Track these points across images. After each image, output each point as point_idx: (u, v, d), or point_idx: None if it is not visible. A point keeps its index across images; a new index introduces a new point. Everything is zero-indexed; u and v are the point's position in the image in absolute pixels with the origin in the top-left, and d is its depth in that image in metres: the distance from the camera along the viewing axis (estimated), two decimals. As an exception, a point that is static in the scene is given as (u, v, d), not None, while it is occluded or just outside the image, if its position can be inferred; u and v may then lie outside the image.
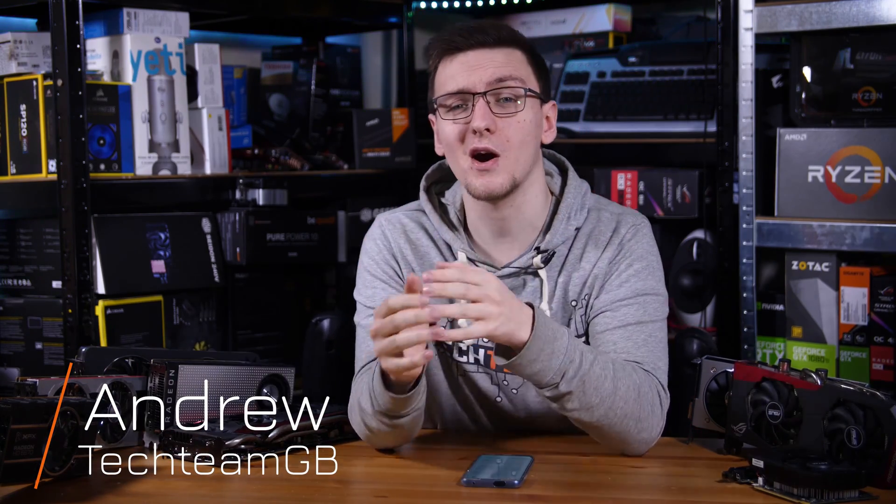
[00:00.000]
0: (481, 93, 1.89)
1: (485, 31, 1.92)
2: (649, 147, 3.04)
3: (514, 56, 1.93)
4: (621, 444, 1.87)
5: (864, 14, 2.59)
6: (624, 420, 1.83)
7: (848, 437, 1.73)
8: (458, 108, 1.92)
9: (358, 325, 2.05)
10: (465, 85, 1.90)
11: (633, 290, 1.95)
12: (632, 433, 1.85)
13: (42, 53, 2.66)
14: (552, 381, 1.77)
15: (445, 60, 1.94)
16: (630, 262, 1.97)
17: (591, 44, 3.39)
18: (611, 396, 1.81)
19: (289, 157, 3.12)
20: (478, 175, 1.91)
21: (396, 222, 2.07)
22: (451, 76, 1.92)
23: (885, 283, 2.63)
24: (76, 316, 2.51)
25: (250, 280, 2.97)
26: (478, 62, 1.91)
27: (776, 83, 2.84)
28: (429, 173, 2.09)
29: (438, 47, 1.95)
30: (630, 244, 1.98)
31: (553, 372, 1.76)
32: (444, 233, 2.02)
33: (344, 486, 1.81)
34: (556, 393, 1.79)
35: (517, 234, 1.99)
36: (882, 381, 2.61)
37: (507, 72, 1.91)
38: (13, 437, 1.65)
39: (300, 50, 3.53)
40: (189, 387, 2.04)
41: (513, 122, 1.90)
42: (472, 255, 1.99)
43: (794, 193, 2.73)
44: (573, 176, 2.04)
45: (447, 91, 1.92)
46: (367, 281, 2.06)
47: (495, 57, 1.91)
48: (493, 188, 1.91)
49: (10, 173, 2.71)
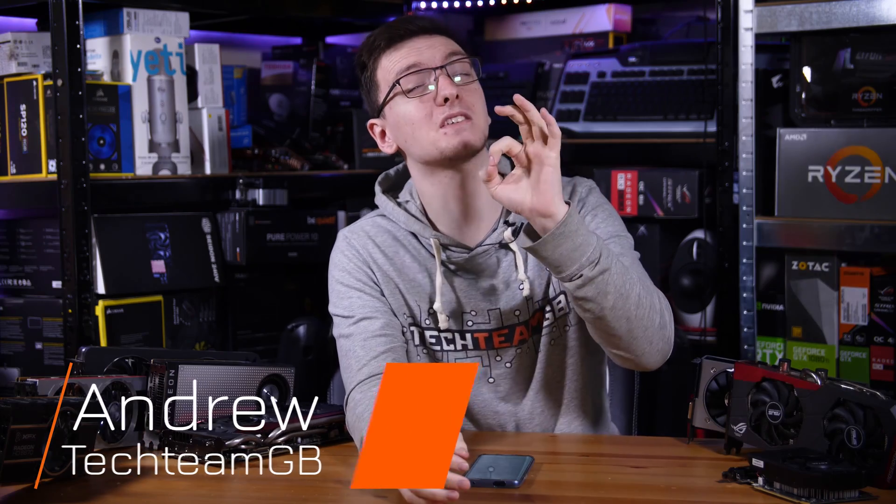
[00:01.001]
0: (440, 66, 1.95)
1: (416, 22, 2.01)
2: (649, 147, 3.05)
3: (450, 41, 2.01)
4: (646, 346, 1.85)
5: (864, 14, 2.59)
6: (651, 313, 1.83)
7: (848, 437, 1.73)
8: (417, 89, 1.97)
9: (339, 338, 2.04)
10: (420, 61, 1.97)
11: (606, 233, 1.97)
12: (657, 328, 1.84)
13: (42, 53, 2.66)
14: (594, 255, 1.76)
15: (389, 51, 1.99)
16: (595, 213, 2.00)
17: (591, 44, 3.39)
18: (638, 285, 1.82)
19: (289, 157, 3.12)
20: (453, 134, 1.94)
21: (359, 231, 2.09)
22: (402, 58, 1.98)
23: (885, 283, 2.63)
24: (76, 316, 2.51)
25: (250, 280, 2.97)
26: (424, 45, 1.98)
27: (776, 83, 2.84)
28: (381, 179, 2.13)
29: (381, 38, 2.01)
30: (589, 199, 2.02)
31: (593, 246, 1.77)
32: (413, 224, 2.03)
33: (344, 486, 1.80)
34: (597, 272, 1.76)
35: (482, 212, 2.01)
36: (882, 381, 2.61)
37: (454, 48, 1.99)
38: (13, 437, 1.65)
39: (300, 50, 3.53)
40: (189, 387, 2.04)
41: (472, 90, 1.97)
42: (444, 240, 2.01)
43: (794, 193, 2.73)
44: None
45: (402, 70, 1.97)
46: (341, 293, 2.05)
47: (434, 41, 1.99)
48: (471, 141, 1.95)
49: (10, 173, 2.71)
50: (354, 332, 2.00)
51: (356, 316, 2.01)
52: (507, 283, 2.01)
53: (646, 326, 1.83)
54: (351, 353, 2.00)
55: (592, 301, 1.79)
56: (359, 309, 2.02)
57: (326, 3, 3.21)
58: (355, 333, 2.00)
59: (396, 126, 2.01)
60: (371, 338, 1.99)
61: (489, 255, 2.01)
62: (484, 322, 2.02)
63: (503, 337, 2.02)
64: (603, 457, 1.90)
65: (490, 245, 2.00)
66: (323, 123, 3.34)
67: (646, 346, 1.85)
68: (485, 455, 1.85)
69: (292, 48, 3.55)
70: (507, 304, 2.01)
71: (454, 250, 2.01)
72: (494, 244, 2.01)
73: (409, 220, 2.04)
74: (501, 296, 2.01)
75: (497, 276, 2.02)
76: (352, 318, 2.02)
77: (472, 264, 2.01)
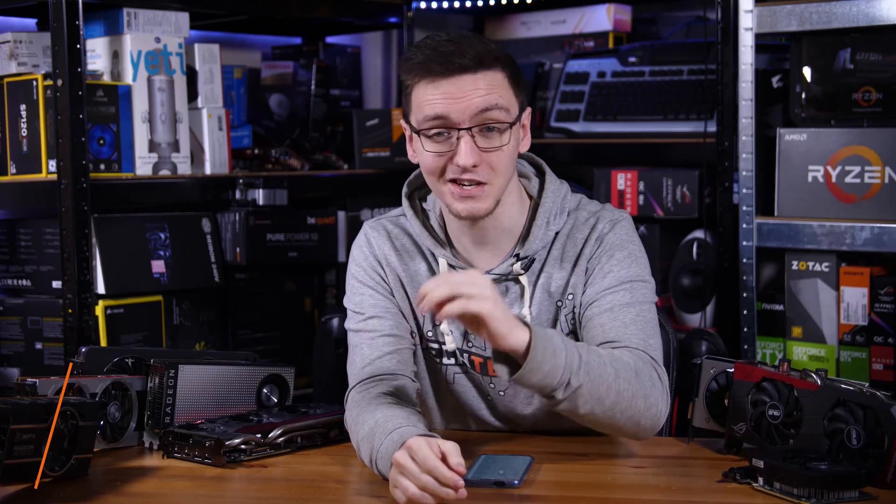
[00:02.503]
0: (466, 128, 1.83)
1: (464, 55, 1.83)
2: (649, 147, 3.05)
3: (496, 80, 1.86)
4: (634, 429, 1.83)
5: (864, 14, 2.59)
6: (633, 400, 1.80)
7: (848, 437, 1.73)
8: (440, 136, 1.86)
9: (349, 331, 2.04)
10: (448, 116, 1.84)
11: (618, 279, 1.93)
12: (642, 412, 1.81)
13: (42, 53, 2.66)
14: (563, 379, 1.72)
15: (424, 84, 1.86)
16: (611, 254, 1.94)
17: (591, 44, 3.39)
18: (615, 380, 1.77)
19: (289, 157, 3.12)
20: (460, 200, 1.88)
21: (381, 229, 2.06)
22: (431, 103, 1.85)
23: (885, 283, 2.63)
24: (76, 316, 2.51)
25: (250, 280, 2.97)
26: (460, 91, 1.83)
27: (776, 83, 2.84)
28: (411, 179, 2.06)
29: (416, 71, 1.86)
30: (609, 237, 1.96)
31: (562, 368, 1.72)
32: (425, 240, 2.00)
33: (344, 486, 1.81)
34: (567, 392, 1.74)
35: (496, 242, 1.98)
36: (882, 381, 2.61)
37: (491, 101, 1.84)
38: (13, 437, 1.65)
39: (300, 50, 3.53)
40: (189, 387, 2.04)
41: (498, 152, 1.86)
42: (454, 262, 1.98)
43: (794, 193, 2.74)
44: (551, 179, 2.01)
45: (428, 117, 1.86)
46: (355, 288, 2.05)
47: (478, 84, 1.84)
48: (478, 212, 1.89)
49: (10, 173, 2.71)
50: (364, 328, 2.00)
51: (366, 313, 2.01)
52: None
53: (629, 416, 1.81)
54: (357, 349, 2.00)
55: (567, 412, 1.79)
56: (370, 307, 2.01)
57: (326, 3, 3.20)
58: (364, 330, 2.00)
59: (417, 152, 1.93)
60: (379, 336, 1.98)
61: (498, 283, 1.97)
62: (480, 349, 2.00)
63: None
64: (603, 457, 1.90)
65: (498, 275, 1.98)
66: (323, 123, 3.34)
67: (631, 428, 1.84)
68: (485, 455, 1.85)
69: (292, 48, 3.55)
70: None
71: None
72: (503, 275, 1.97)
73: (422, 234, 2.00)
74: None
75: None
76: (362, 315, 2.01)
77: None
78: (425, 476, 1.60)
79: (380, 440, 1.76)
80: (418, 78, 1.87)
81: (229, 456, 1.87)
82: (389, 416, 1.81)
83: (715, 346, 2.26)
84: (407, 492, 1.62)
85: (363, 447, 1.82)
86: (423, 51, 1.86)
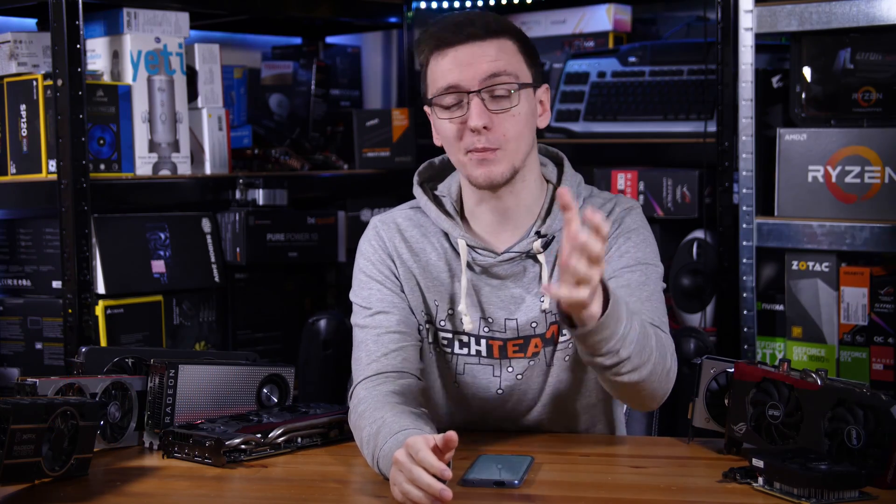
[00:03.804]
0: (476, 91, 1.89)
1: (473, 24, 1.91)
2: (649, 147, 3.05)
3: (505, 47, 1.92)
4: (651, 399, 1.86)
5: (864, 14, 2.59)
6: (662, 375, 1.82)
7: (848, 437, 1.72)
8: (454, 107, 1.92)
9: (355, 326, 2.04)
10: (459, 82, 1.90)
11: (634, 259, 1.96)
12: (664, 386, 1.85)
13: (42, 53, 2.67)
14: (614, 347, 1.71)
15: (437, 56, 1.93)
16: (628, 236, 1.98)
17: (591, 44, 3.39)
18: (651, 352, 1.79)
19: (289, 157, 3.12)
20: (478, 165, 1.91)
21: (391, 222, 2.07)
22: (443, 73, 1.92)
23: (885, 283, 2.63)
24: (76, 316, 2.51)
25: (250, 280, 2.97)
26: (469, 58, 1.90)
27: (776, 83, 2.84)
28: (421, 170, 2.09)
29: (428, 43, 1.94)
30: (626, 221, 1.99)
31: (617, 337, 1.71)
32: (442, 222, 2.01)
33: (344, 486, 1.81)
34: (614, 360, 1.73)
35: (516, 219, 1.99)
36: (882, 381, 2.61)
37: (499, 66, 1.90)
38: (13, 437, 1.65)
39: (300, 50, 3.53)
40: (189, 387, 2.04)
41: (508, 116, 1.91)
42: (472, 242, 1.99)
43: (794, 193, 2.74)
44: (569, 167, 2.06)
45: (440, 88, 1.92)
46: (362, 282, 2.05)
47: (487, 51, 1.91)
48: (494, 177, 1.92)
49: (10, 173, 2.71)
50: (370, 324, 2.00)
51: (374, 308, 2.01)
52: (530, 294, 1.99)
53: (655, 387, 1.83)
54: (363, 346, 2.00)
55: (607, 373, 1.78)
56: (377, 302, 2.01)
57: (326, 3, 3.21)
58: (370, 326, 2.00)
59: (436, 130, 1.99)
60: (385, 333, 1.98)
61: (516, 262, 1.98)
62: (500, 331, 2.00)
63: (517, 347, 2.01)
64: (603, 457, 1.90)
65: (517, 253, 1.98)
66: (323, 123, 3.34)
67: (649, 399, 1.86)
68: (485, 455, 1.85)
69: (292, 48, 3.56)
70: (526, 315, 1.99)
71: (481, 253, 1.99)
72: (522, 253, 1.98)
73: (439, 217, 2.02)
74: (521, 305, 1.99)
75: (521, 285, 1.99)
76: (369, 310, 2.01)
77: (497, 270, 1.99)
78: (416, 469, 1.60)
79: (384, 440, 1.76)
80: (431, 50, 1.93)
81: (229, 456, 1.87)
82: (397, 418, 1.81)
83: (703, 343, 2.27)
84: (400, 486, 1.63)
85: (367, 446, 1.82)
86: (437, 24, 1.95)
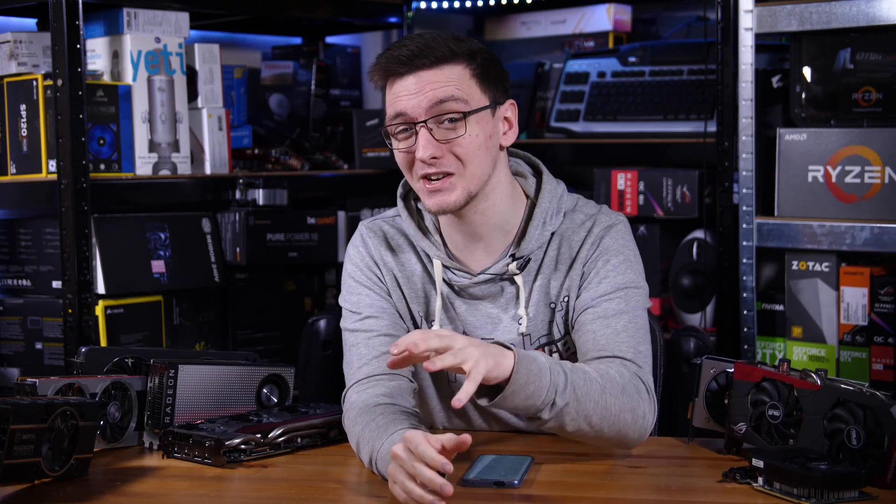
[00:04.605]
0: (422, 121, 1.86)
1: (423, 52, 1.87)
2: (649, 147, 3.05)
3: (453, 73, 1.88)
4: (622, 442, 1.86)
5: (864, 14, 2.59)
6: (620, 415, 1.81)
7: (848, 437, 1.73)
8: (405, 132, 1.89)
9: (345, 331, 2.04)
10: (406, 111, 1.88)
11: (614, 285, 1.94)
12: (629, 425, 1.83)
13: (42, 53, 2.67)
14: (548, 399, 1.74)
15: (389, 84, 1.91)
16: (607, 259, 1.95)
17: (591, 44, 3.39)
18: (601, 397, 1.79)
19: (289, 157, 3.12)
20: (430, 194, 1.90)
21: (377, 229, 2.06)
22: (392, 101, 1.90)
23: (885, 283, 2.63)
24: (76, 316, 2.51)
25: (250, 280, 2.97)
26: (417, 87, 1.87)
27: (776, 83, 2.84)
28: (404, 182, 2.06)
29: (379, 73, 1.92)
30: (605, 241, 1.96)
31: (546, 389, 1.73)
32: (419, 240, 2.00)
33: (344, 486, 1.81)
34: (553, 412, 1.75)
35: (489, 239, 1.98)
36: (882, 381, 2.61)
37: (446, 93, 1.86)
38: (13, 437, 1.65)
39: (300, 50, 3.53)
40: (189, 387, 2.04)
41: (458, 142, 1.88)
42: (448, 263, 1.98)
43: (794, 193, 2.74)
44: (548, 178, 2.02)
45: (390, 116, 1.90)
46: (351, 287, 2.05)
47: (434, 78, 1.87)
48: (446, 206, 1.90)
49: (10, 173, 2.71)
50: (360, 328, 2.00)
51: (363, 313, 2.01)
52: (507, 314, 1.99)
53: (617, 430, 1.83)
54: (354, 349, 2.00)
55: (555, 429, 1.81)
56: (366, 307, 2.01)
57: (326, 3, 3.21)
58: (361, 330, 2.00)
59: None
60: (375, 336, 1.99)
61: (493, 283, 1.98)
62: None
63: None
64: (603, 457, 1.90)
65: (493, 275, 1.97)
66: (323, 123, 3.34)
67: (618, 441, 1.86)
68: (485, 455, 1.85)
69: (292, 48, 3.56)
70: (504, 336, 1.98)
71: (457, 273, 1.98)
72: (498, 274, 1.97)
73: (417, 235, 2.01)
74: (499, 326, 1.99)
75: (498, 305, 1.99)
76: (359, 315, 2.01)
77: (473, 290, 1.98)
78: (417, 464, 1.60)
79: (381, 440, 1.77)
80: (384, 80, 1.92)
81: (229, 456, 1.87)
82: (392, 417, 1.82)
83: (703, 343, 2.27)
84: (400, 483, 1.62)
85: (363, 447, 1.82)
86: (384, 54, 1.91)
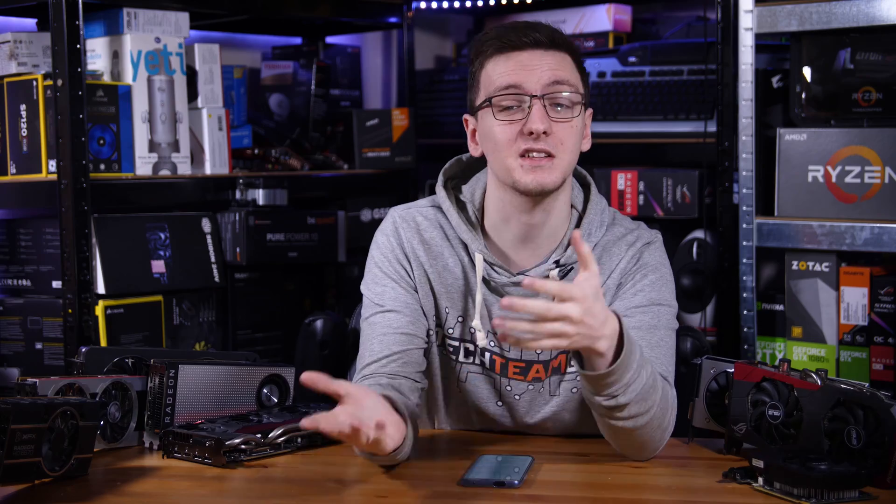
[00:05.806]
0: (538, 95, 1.86)
1: (538, 31, 1.89)
2: (649, 147, 3.05)
3: (566, 60, 1.90)
4: (642, 452, 1.86)
5: (864, 14, 2.59)
6: (658, 430, 1.83)
7: (848, 437, 1.73)
8: (511, 109, 1.88)
9: (363, 320, 2.00)
10: (521, 84, 1.87)
11: (648, 299, 1.94)
12: (657, 440, 1.85)
13: (42, 53, 2.67)
14: (615, 392, 1.74)
15: (497, 58, 1.90)
16: (645, 273, 1.96)
17: (591, 44, 3.39)
18: (653, 406, 1.80)
19: (289, 157, 3.12)
20: (530, 170, 1.87)
21: (411, 220, 2.02)
22: (505, 73, 1.88)
23: (885, 283, 2.63)
24: (76, 316, 2.51)
25: (250, 280, 2.97)
26: (532, 63, 1.87)
27: (776, 83, 2.84)
28: (447, 168, 2.04)
29: (492, 44, 1.90)
30: (645, 256, 1.98)
31: (621, 383, 1.74)
32: (463, 232, 1.97)
33: (344, 486, 1.81)
34: (611, 403, 1.76)
35: (539, 241, 1.96)
36: (882, 381, 2.61)
37: (562, 75, 1.88)
38: (13, 437, 1.65)
39: (300, 50, 3.53)
40: (189, 387, 2.04)
41: (567, 126, 1.88)
42: (490, 258, 1.96)
43: (794, 193, 2.73)
44: (595, 192, 2.03)
45: (501, 87, 1.88)
46: (376, 277, 2.01)
47: (549, 59, 1.88)
48: (546, 184, 1.88)
49: (10, 173, 2.71)
50: (379, 321, 1.97)
51: (386, 306, 1.98)
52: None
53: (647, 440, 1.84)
54: (367, 342, 1.98)
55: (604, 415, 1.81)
56: (390, 300, 1.98)
57: (326, 3, 3.21)
58: (379, 323, 1.97)
59: (483, 135, 1.94)
60: (391, 333, 1.96)
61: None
62: (505, 348, 1.99)
63: (518, 370, 1.99)
64: (603, 457, 1.90)
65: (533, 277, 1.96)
66: (323, 123, 3.34)
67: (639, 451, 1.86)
68: (485, 455, 1.85)
69: (292, 48, 3.56)
70: None
71: (497, 271, 1.96)
72: (537, 277, 1.94)
73: (460, 226, 1.98)
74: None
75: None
76: (381, 307, 1.98)
77: (510, 290, 1.96)
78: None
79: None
80: (491, 51, 1.91)
81: (229, 456, 1.87)
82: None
83: (700, 343, 2.27)
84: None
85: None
86: (497, 29, 1.92)
